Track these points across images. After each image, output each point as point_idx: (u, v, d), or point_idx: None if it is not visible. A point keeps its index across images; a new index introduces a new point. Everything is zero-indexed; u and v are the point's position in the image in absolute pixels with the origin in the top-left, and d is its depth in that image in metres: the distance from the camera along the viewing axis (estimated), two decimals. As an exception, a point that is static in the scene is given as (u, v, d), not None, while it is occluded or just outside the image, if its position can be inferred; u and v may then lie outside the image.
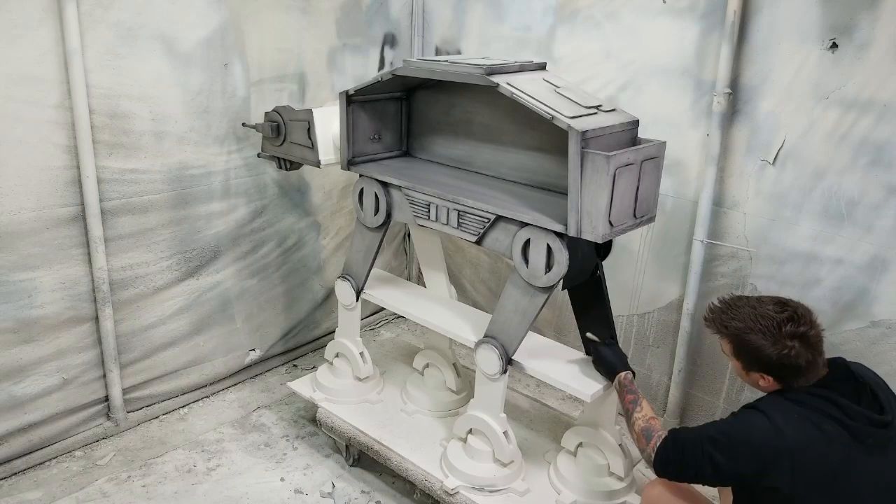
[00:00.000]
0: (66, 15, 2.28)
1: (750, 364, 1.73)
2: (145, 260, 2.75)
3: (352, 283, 2.61)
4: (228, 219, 2.99)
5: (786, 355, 1.65)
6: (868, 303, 2.41)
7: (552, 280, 2.00)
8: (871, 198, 2.34)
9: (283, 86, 3.04)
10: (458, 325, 2.40)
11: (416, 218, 2.34)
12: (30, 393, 2.54)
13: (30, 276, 2.44)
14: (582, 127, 1.79)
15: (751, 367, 1.73)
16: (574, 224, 1.86)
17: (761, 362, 1.70)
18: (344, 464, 2.72)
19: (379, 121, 2.53)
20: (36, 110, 2.32)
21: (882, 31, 2.22)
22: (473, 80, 2.05)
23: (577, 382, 2.10)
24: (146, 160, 2.64)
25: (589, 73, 2.97)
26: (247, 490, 2.56)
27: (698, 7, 2.60)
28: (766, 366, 1.69)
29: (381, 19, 3.40)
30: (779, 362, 1.66)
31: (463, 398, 2.68)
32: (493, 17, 3.28)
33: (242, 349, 3.23)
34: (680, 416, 2.98)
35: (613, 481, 2.25)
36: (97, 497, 2.49)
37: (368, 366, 2.71)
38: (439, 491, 2.29)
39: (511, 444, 2.23)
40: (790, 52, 2.41)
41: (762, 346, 1.67)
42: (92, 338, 2.67)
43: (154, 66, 2.58)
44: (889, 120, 2.25)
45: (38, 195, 2.40)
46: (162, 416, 2.98)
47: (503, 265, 3.51)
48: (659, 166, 1.98)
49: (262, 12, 2.87)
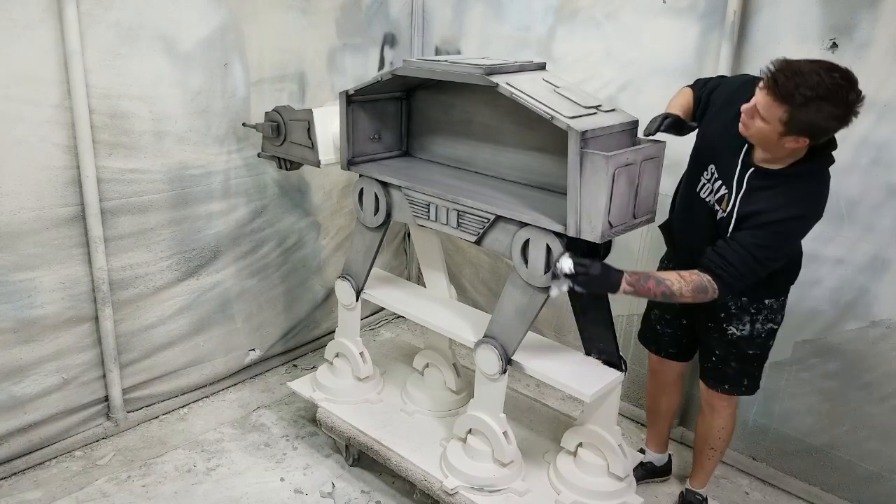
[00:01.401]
0: (66, 15, 2.29)
1: (800, 130, 1.75)
2: (145, 260, 2.75)
3: (352, 282, 2.61)
4: (228, 219, 2.99)
5: (843, 126, 1.72)
6: (868, 303, 2.41)
7: (551, 280, 1.99)
8: (871, 198, 2.33)
9: (283, 86, 3.05)
10: (458, 325, 2.40)
11: (415, 218, 2.34)
12: (30, 393, 2.54)
13: (30, 276, 2.44)
14: (581, 127, 1.79)
15: (799, 132, 1.75)
16: (573, 224, 1.86)
17: (815, 130, 1.74)
18: (344, 464, 2.72)
19: (379, 121, 2.53)
20: (36, 110, 2.32)
21: (882, 31, 2.22)
22: (473, 80, 2.05)
23: (577, 382, 2.10)
24: (146, 160, 2.64)
25: (589, 73, 2.97)
26: (247, 490, 2.56)
27: (698, 7, 2.60)
28: (818, 133, 1.75)
29: (381, 19, 3.41)
30: (833, 133, 1.74)
31: (463, 398, 2.68)
32: (493, 17, 3.28)
33: (242, 349, 3.23)
34: (679, 416, 2.98)
35: (613, 481, 2.25)
36: (97, 497, 2.49)
37: (368, 366, 2.71)
38: (439, 491, 2.29)
39: (511, 444, 2.23)
40: (790, 51, 2.39)
41: (830, 116, 1.70)
42: (92, 338, 2.67)
43: (154, 66, 2.58)
44: (889, 120, 2.25)
45: (38, 195, 2.40)
46: (162, 416, 2.98)
47: (503, 265, 3.51)
48: (659, 166, 1.97)
49: (262, 12, 2.87)
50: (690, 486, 2.56)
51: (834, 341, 2.51)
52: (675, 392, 2.61)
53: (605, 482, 2.25)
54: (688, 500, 2.55)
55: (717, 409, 2.36)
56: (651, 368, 2.62)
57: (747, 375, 2.26)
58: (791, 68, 1.73)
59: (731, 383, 2.28)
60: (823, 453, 2.62)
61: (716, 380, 2.30)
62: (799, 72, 1.72)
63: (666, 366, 2.54)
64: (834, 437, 2.58)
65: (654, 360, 2.58)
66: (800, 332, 2.56)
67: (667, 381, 2.58)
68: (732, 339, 2.21)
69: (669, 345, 2.49)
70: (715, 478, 2.75)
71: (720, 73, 2.53)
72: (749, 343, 2.21)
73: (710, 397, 2.35)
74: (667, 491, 2.69)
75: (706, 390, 2.35)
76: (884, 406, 2.44)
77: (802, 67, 1.72)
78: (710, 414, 2.39)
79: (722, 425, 2.38)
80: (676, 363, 2.52)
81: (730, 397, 2.32)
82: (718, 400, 2.34)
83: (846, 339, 2.48)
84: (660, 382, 2.59)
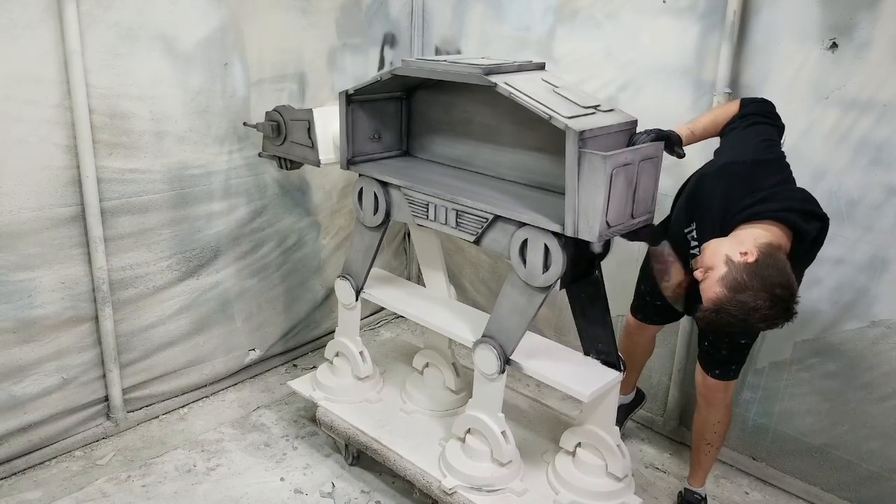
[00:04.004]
0: (66, 15, 2.29)
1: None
2: (145, 260, 2.75)
3: (351, 282, 2.61)
4: (228, 218, 2.99)
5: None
6: (868, 303, 2.41)
7: (549, 280, 1.99)
8: (871, 198, 2.33)
9: (283, 86, 3.05)
10: (457, 324, 2.40)
11: (414, 218, 2.34)
12: (30, 393, 2.54)
13: (30, 275, 2.44)
14: (579, 127, 1.79)
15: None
16: (571, 224, 1.86)
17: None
18: (344, 463, 2.73)
19: (379, 120, 2.53)
20: (36, 110, 2.33)
21: (882, 31, 2.21)
22: (472, 79, 2.05)
23: (576, 383, 2.10)
24: (146, 160, 2.64)
25: (589, 73, 2.97)
26: (247, 490, 2.56)
27: (698, 7, 2.60)
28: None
29: (381, 19, 3.41)
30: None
31: (462, 398, 2.68)
32: (493, 17, 3.28)
33: (242, 349, 3.23)
34: (679, 417, 2.98)
35: (611, 482, 2.25)
36: (97, 497, 2.49)
37: (368, 365, 2.71)
38: (437, 490, 2.29)
39: (509, 443, 2.23)
40: (790, 51, 2.41)
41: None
42: (92, 338, 2.68)
43: (154, 66, 2.58)
44: (889, 120, 2.25)
45: (38, 195, 2.40)
46: (162, 415, 2.98)
47: (503, 265, 3.51)
48: (657, 166, 1.97)
49: (262, 12, 2.87)
50: (689, 486, 2.56)
51: (834, 341, 2.51)
52: (650, 348, 2.77)
53: (603, 482, 2.24)
54: (687, 499, 2.55)
55: (711, 403, 2.37)
56: (628, 331, 2.71)
57: (736, 362, 2.31)
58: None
59: (722, 369, 2.32)
60: (823, 453, 2.61)
61: (708, 364, 2.34)
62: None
63: (645, 329, 2.65)
64: (834, 437, 2.58)
65: (633, 324, 2.67)
66: (800, 332, 2.56)
67: (643, 341, 2.71)
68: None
69: (655, 314, 2.59)
70: (715, 477, 2.75)
71: (720, 73, 2.53)
72: (741, 333, 2.23)
73: (705, 385, 2.36)
74: (666, 491, 2.69)
75: (701, 375, 2.37)
76: (884, 406, 2.44)
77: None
78: (705, 408, 2.40)
79: (717, 419, 2.39)
80: (655, 326, 2.65)
81: (725, 389, 2.34)
82: (713, 390, 2.35)
83: (846, 339, 2.48)
84: (635, 342, 2.71)
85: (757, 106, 2.19)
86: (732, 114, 2.19)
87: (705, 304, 1.85)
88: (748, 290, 1.77)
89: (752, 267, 1.78)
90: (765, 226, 1.90)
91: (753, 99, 2.24)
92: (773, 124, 2.17)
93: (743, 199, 1.95)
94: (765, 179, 1.98)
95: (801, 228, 1.92)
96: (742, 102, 2.21)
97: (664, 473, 2.81)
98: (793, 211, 1.92)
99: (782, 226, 1.91)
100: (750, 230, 1.90)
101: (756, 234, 1.87)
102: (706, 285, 1.85)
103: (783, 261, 1.83)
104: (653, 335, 2.72)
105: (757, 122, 2.14)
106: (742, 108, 2.19)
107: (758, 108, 2.18)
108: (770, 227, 1.90)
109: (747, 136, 2.11)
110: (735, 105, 2.21)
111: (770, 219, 1.91)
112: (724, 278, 1.80)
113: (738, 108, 2.20)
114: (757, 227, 1.90)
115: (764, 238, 1.86)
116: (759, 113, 2.17)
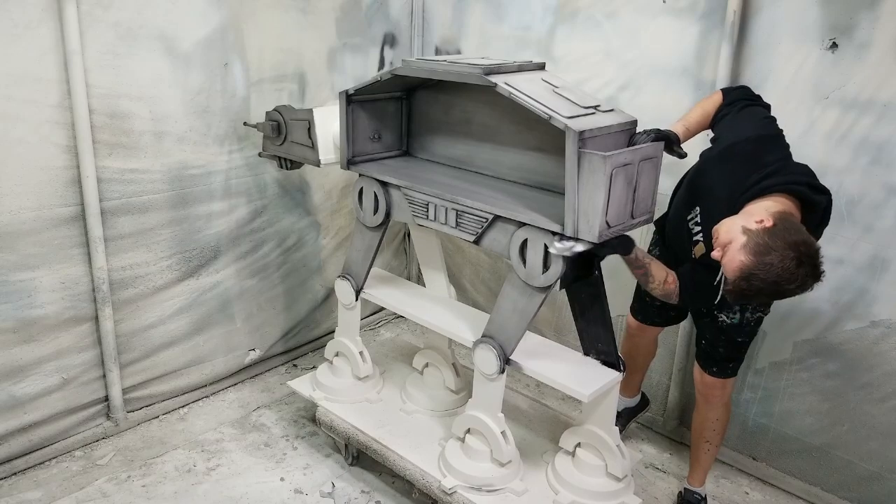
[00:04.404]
0: (66, 15, 2.29)
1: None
2: (145, 260, 2.75)
3: (351, 282, 2.61)
4: (228, 218, 2.99)
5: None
6: (868, 303, 2.41)
7: (549, 280, 1.99)
8: (871, 198, 2.33)
9: (283, 86, 3.05)
10: (457, 324, 2.40)
11: (414, 217, 2.34)
12: (30, 393, 2.54)
13: (30, 275, 2.44)
14: (579, 127, 1.79)
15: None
16: (571, 224, 1.86)
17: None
18: (344, 463, 2.73)
19: (379, 120, 2.53)
20: (36, 110, 2.33)
21: (882, 31, 2.21)
22: (472, 79, 2.05)
23: (575, 383, 2.10)
24: (146, 160, 2.64)
25: (589, 73, 2.97)
26: (246, 490, 2.56)
27: (698, 7, 2.60)
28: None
29: (381, 19, 3.41)
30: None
31: (462, 398, 2.68)
32: (493, 16, 3.28)
33: (242, 349, 3.23)
34: (679, 417, 2.98)
35: (611, 482, 2.25)
36: (97, 497, 2.49)
37: (368, 365, 2.71)
38: (437, 490, 2.29)
39: (509, 443, 2.23)
40: (790, 51, 2.41)
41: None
42: (92, 338, 2.68)
43: (154, 66, 2.58)
44: (889, 120, 2.25)
45: (38, 195, 2.40)
46: (162, 416, 2.98)
47: (503, 265, 3.51)
48: (657, 166, 1.97)
49: (262, 12, 2.87)
50: (689, 485, 2.56)
51: (834, 341, 2.51)
52: (653, 349, 2.76)
53: (603, 482, 2.25)
54: (686, 499, 2.55)
55: (710, 401, 2.38)
56: (629, 332, 2.71)
57: (734, 360, 2.32)
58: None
59: (719, 367, 2.33)
60: (823, 453, 2.61)
61: (706, 361, 2.35)
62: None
63: (646, 331, 2.65)
64: (834, 437, 2.58)
65: (634, 325, 2.67)
66: (799, 332, 2.56)
67: (645, 343, 2.71)
68: (723, 326, 2.25)
69: (656, 315, 2.59)
70: (715, 477, 2.75)
71: (720, 73, 2.53)
72: (738, 331, 2.25)
73: (703, 383, 2.37)
74: (666, 491, 2.69)
75: (699, 373, 2.38)
76: (884, 406, 2.44)
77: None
78: (704, 406, 2.41)
79: (716, 417, 2.40)
80: (656, 328, 2.65)
81: (723, 387, 2.35)
82: (711, 388, 2.36)
83: (846, 339, 2.48)
84: (637, 344, 2.71)
85: (740, 92, 2.23)
86: (718, 103, 2.22)
87: (731, 274, 1.80)
88: (773, 251, 1.74)
89: (772, 230, 1.76)
90: (774, 198, 1.90)
91: (733, 87, 2.29)
92: (762, 105, 2.20)
93: (750, 177, 1.94)
94: (770, 154, 1.99)
95: (811, 199, 1.91)
96: (724, 92, 2.25)
97: (664, 473, 2.81)
98: (801, 184, 1.92)
99: (792, 197, 1.91)
100: (760, 203, 1.89)
101: (767, 206, 1.87)
102: (728, 258, 1.81)
103: (799, 223, 1.82)
104: (654, 337, 2.71)
105: (747, 105, 2.17)
106: (725, 96, 2.22)
107: (742, 93, 2.22)
108: (779, 198, 1.90)
109: (744, 117, 2.14)
110: (717, 96, 2.24)
111: (779, 192, 1.90)
112: (745, 245, 1.77)
113: (721, 97, 2.23)
114: (766, 200, 1.90)
115: (775, 208, 1.85)
116: (745, 97, 2.20)
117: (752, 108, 2.17)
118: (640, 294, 2.63)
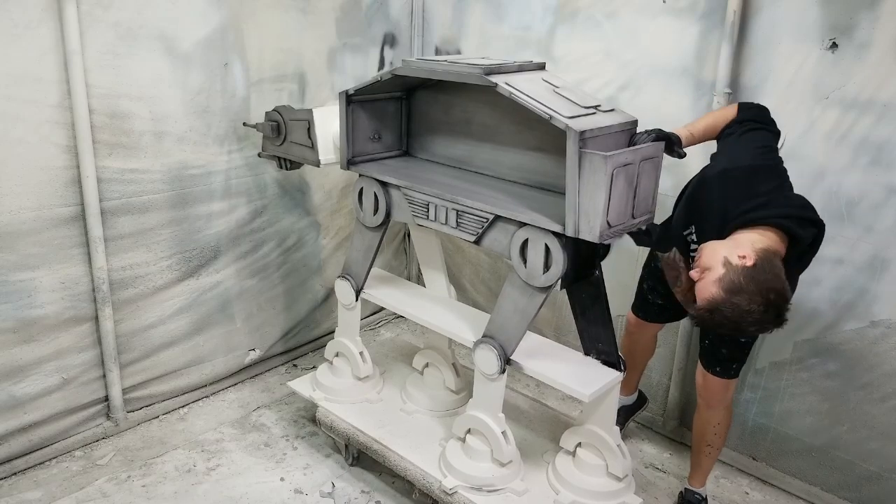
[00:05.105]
0: (66, 15, 2.29)
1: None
2: (145, 260, 2.75)
3: (351, 282, 2.61)
4: (228, 218, 2.99)
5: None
6: (868, 303, 2.41)
7: (550, 280, 2.00)
8: (871, 198, 2.33)
9: (283, 86, 3.05)
10: (457, 324, 2.40)
11: (415, 218, 2.34)
12: (30, 393, 2.54)
13: (30, 275, 2.44)
14: (580, 127, 1.79)
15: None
16: (572, 224, 1.86)
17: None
18: (344, 464, 2.72)
19: (379, 120, 2.53)
20: (36, 110, 2.33)
21: (882, 31, 2.21)
22: (472, 80, 2.05)
23: (576, 383, 2.10)
24: (146, 160, 2.64)
25: (589, 73, 2.97)
26: (246, 490, 2.56)
27: (698, 7, 2.60)
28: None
29: (381, 19, 3.41)
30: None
31: (462, 398, 2.68)
32: (493, 16, 3.28)
33: (242, 349, 3.23)
34: (679, 417, 2.98)
35: (612, 482, 2.25)
36: (97, 497, 2.49)
37: (368, 365, 2.71)
38: (437, 490, 2.29)
39: (509, 443, 2.23)
40: (790, 51, 2.41)
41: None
42: (92, 338, 2.68)
43: (154, 66, 2.58)
44: (889, 120, 2.25)
45: (38, 195, 2.40)
46: (162, 415, 2.98)
47: (503, 265, 3.51)
48: (657, 166, 1.97)
49: (262, 12, 2.87)
50: (689, 486, 2.56)
51: (834, 341, 2.51)
52: (651, 347, 2.78)
53: (603, 482, 2.25)
54: (687, 499, 2.55)
55: (711, 404, 2.38)
56: (629, 329, 2.72)
57: (737, 360, 2.32)
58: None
59: (723, 367, 2.32)
60: (823, 453, 2.61)
61: (709, 361, 2.34)
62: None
63: (645, 328, 2.67)
64: (834, 437, 2.58)
65: (633, 322, 2.68)
66: (799, 332, 2.56)
67: (644, 340, 2.72)
68: None
69: (657, 313, 2.61)
70: (715, 477, 2.75)
71: (720, 73, 2.53)
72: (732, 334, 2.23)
73: (705, 384, 2.36)
74: (667, 491, 2.69)
75: (702, 374, 2.37)
76: (884, 406, 2.44)
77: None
78: (705, 410, 2.41)
79: (718, 420, 2.40)
80: (655, 325, 2.66)
81: (725, 388, 2.34)
82: (713, 390, 2.35)
83: (846, 339, 2.48)
84: (636, 341, 2.73)
85: (754, 112, 2.21)
86: (730, 118, 2.20)
87: (700, 303, 1.86)
88: (743, 293, 1.78)
89: (750, 271, 1.80)
90: (762, 231, 1.91)
91: (751, 104, 2.25)
92: (769, 130, 2.18)
93: (741, 205, 1.96)
94: (762, 185, 2.00)
95: (797, 234, 1.93)
96: (740, 107, 2.22)
97: (664, 473, 2.81)
98: (790, 217, 1.93)
99: (779, 231, 1.92)
100: (747, 235, 1.91)
101: (753, 239, 1.89)
102: (702, 285, 1.86)
103: (779, 267, 1.85)
104: (654, 334, 2.72)
105: (754, 128, 2.15)
106: (739, 112, 2.20)
107: (755, 114, 2.20)
108: (767, 232, 1.91)
109: (744, 142, 2.13)
110: (733, 109, 2.22)
111: (767, 224, 1.92)
112: (721, 279, 1.81)
113: (735, 112, 2.21)
114: (754, 231, 1.92)
115: (761, 243, 1.87)
116: (756, 119, 2.18)
117: (756, 133, 2.14)
118: (641, 291, 2.63)
